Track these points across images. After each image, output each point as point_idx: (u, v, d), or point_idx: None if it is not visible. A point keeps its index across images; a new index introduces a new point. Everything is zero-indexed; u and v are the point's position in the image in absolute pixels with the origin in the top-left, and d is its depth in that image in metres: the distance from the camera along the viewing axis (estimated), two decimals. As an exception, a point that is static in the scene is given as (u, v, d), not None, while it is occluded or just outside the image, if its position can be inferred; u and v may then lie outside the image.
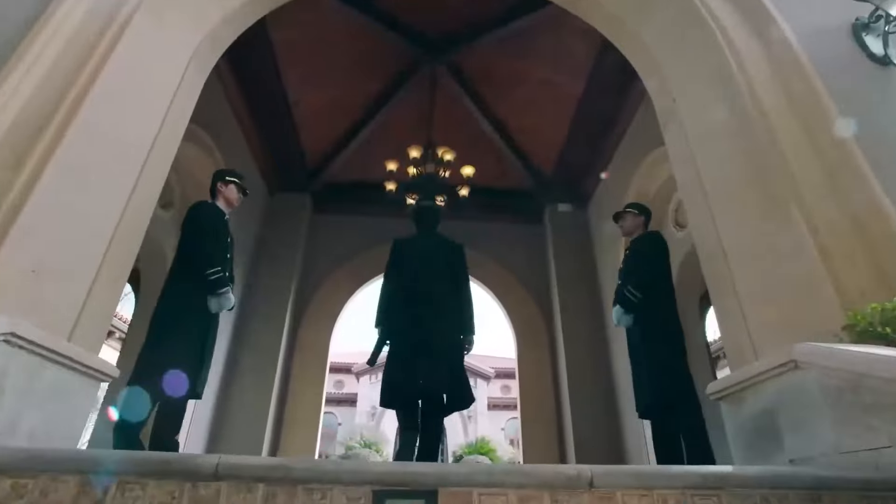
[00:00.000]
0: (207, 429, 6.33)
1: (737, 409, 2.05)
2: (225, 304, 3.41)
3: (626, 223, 4.05)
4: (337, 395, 31.08)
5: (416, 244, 4.01)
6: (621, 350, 6.48)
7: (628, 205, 4.14)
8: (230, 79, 6.27)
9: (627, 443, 6.27)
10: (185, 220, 3.50)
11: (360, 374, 29.52)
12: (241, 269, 7.15)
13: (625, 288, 3.61)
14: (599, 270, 7.52)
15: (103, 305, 2.48)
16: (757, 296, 2.11)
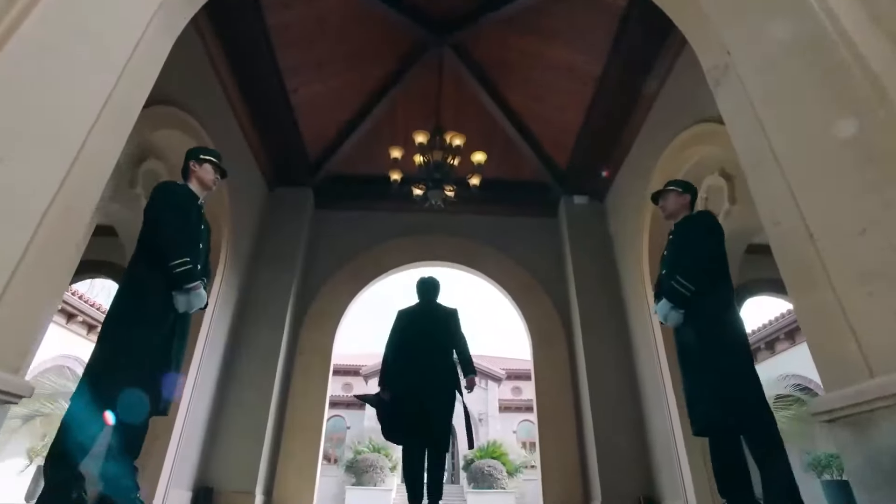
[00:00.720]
0: (202, 435, 5.92)
1: (863, 436, 1.55)
2: (195, 301, 2.91)
3: (669, 203, 3.47)
4: (345, 397, 30.69)
5: (416, 314, 4.61)
6: (645, 348, 6.05)
7: (670, 182, 3.58)
8: (223, 65, 5.85)
9: (655, 448, 5.80)
10: (148, 203, 2.99)
11: (368, 377, 29.10)
12: (239, 268, 6.76)
13: (672, 278, 3.06)
14: (620, 265, 7.05)
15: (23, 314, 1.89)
16: (864, 286, 1.62)
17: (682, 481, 4.95)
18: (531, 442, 29.28)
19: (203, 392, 5.89)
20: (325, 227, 8.14)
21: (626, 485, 5.84)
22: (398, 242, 8.02)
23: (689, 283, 2.96)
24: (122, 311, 2.71)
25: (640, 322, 6.24)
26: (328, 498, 25.26)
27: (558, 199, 8.03)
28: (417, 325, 4.44)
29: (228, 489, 5.88)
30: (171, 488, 5.12)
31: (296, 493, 6.27)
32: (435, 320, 4.49)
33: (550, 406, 6.80)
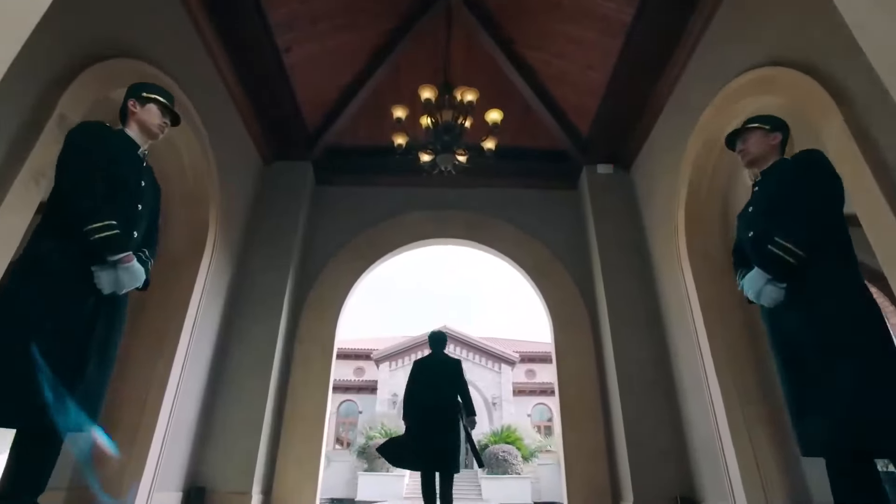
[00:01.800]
0: (192, 431, 5.43)
1: None
2: (125, 279, 2.28)
3: (752, 145, 2.68)
4: (357, 382, 30.55)
5: (428, 365, 5.61)
6: (682, 333, 5.47)
7: (752, 119, 2.77)
8: (206, 25, 5.27)
9: (694, 443, 5.24)
10: (61, 151, 2.33)
11: (379, 361, 28.82)
12: (231, 250, 6.24)
13: (768, 240, 2.30)
14: (650, 241, 6.44)
15: None
16: None
17: (730, 483, 4.39)
18: (546, 425, 28.97)
19: (192, 385, 5.40)
20: (326, 203, 7.59)
21: (661, 483, 5.30)
22: (406, 218, 7.45)
23: (795, 245, 2.21)
24: (14, 296, 2.05)
25: (676, 303, 5.64)
26: (341, 483, 25.09)
27: (580, 168, 7.41)
28: (429, 374, 5.52)
29: (222, 489, 5.41)
30: (155, 491, 4.64)
31: (297, 490, 5.80)
32: (443, 370, 5.55)
33: (574, 395, 6.25)
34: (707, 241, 5.26)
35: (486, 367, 28.73)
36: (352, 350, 32.87)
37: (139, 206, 2.44)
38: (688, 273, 5.27)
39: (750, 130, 2.71)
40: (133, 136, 2.58)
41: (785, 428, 4.28)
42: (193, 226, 5.57)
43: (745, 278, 2.47)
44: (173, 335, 5.04)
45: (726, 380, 4.62)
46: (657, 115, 6.13)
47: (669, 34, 5.25)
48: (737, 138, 2.79)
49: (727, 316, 4.91)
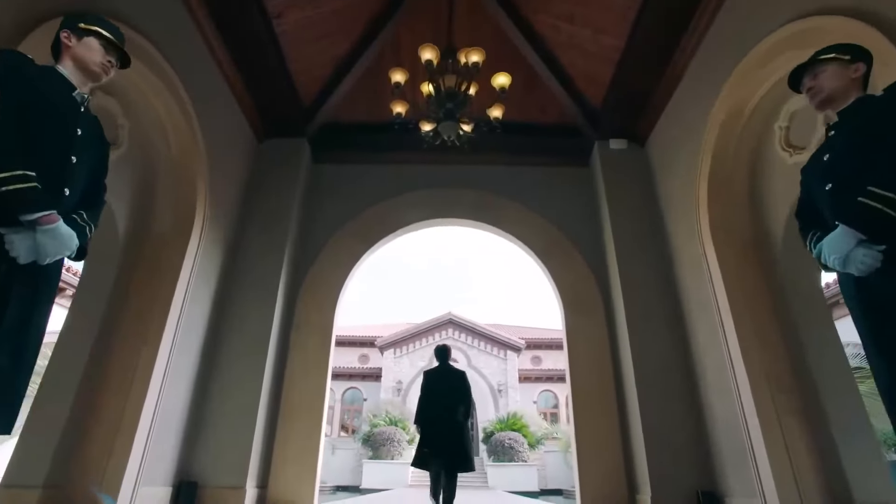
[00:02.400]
0: (182, 423, 5.15)
1: None
2: (48, 244, 1.81)
3: (826, 80, 2.20)
4: (361, 369, 30.40)
5: (436, 374, 6.24)
6: (702, 316, 5.13)
7: (825, 50, 2.26)
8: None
9: (717, 435, 4.92)
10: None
11: (384, 349, 28.60)
12: (222, 231, 5.93)
13: (862, 192, 1.82)
14: (668, 218, 6.08)
15: None
16: None
17: (758, 479, 4.07)
18: (552, 412, 28.77)
19: (180, 373, 5.10)
20: (324, 183, 7.26)
21: (681, 477, 4.99)
22: (408, 198, 7.10)
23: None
24: None
25: (696, 284, 5.30)
26: (346, 471, 25.00)
27: (591, 144, 7.04)
28: (437, 384, 6.17)
29: (215, 483, 5.13)
30: (141, 486, 4.35)
31: (294, 484, 5.52)
32: (449, 380, 6.16)
33: (586, 382, 5.92)
34: (732, 216, 4.91)
35: (491, 353, 28.48)
36: (356, 337, 32.72)
37: (72, 157, 2.00)
38: (710, 250, 4.92)
39: (823, 63, 2.23)
40: (67, 75, 2.11)
41: (821, 419, 3.96)
42: (180, 204, 5.26)
43: (823, 241, 2.00)
44: (158, 320, 4.74)
45: (754, 366, 4.28)
46: (677, 82, 5.74)
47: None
48: (804, 74, 2.30)
49: (754, 296, 4.57)
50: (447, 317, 29.17)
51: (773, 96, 4.39)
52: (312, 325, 6.28)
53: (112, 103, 4.49)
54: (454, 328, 29.02)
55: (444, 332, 28.94)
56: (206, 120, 5.44)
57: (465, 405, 5.96)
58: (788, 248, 4.44)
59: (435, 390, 6.10)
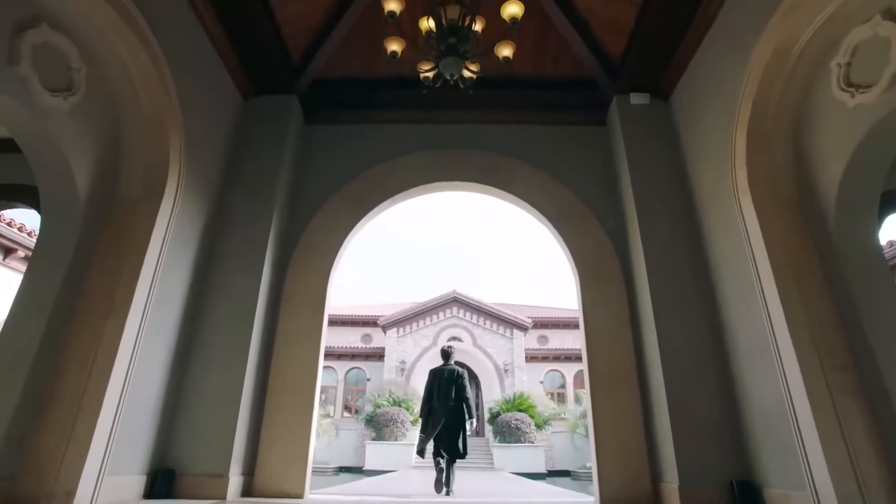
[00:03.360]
0: (157, 405, 4.71)
1: None
2: None
3: None
4: (364, 349, 30.19)
5: (440, 372, 7.36)
6: (736, 287, 4.63)
7: None
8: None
9: (753, 418, 4.44)
10: None
11: (386, 328, 28.28)
12: (203, 195, 5.46)
13: None
14: (695, 180, 5.55)
15: None
16: None
17: (808, 467, 3.59)
18: (559, 392, 28.50)
19: (154, 349, 4.65)
20: (316, 144, 6.75)
21: (712, 464, 4.52)
22: (408, 160, 6.57)
23: None
24: None
25: (731, 249, 4.79)
26: (349, 452, 24.89)
27: (610, 99, 6.47)
28: (440, 381, 7.22)
29: (195, 471, 4.71)
30: (106, 475, 3.91)
31: (284, 470, 5.09)
32: (451, 378, 7.23)
33: (605, 360, 5.44)
34: (775, 171, 4.37)
35: (497, 332, 28.12)
36: (358, 317, 32.47)
37: None
38: (749, 211, 4.40)
39: None
40: None
41: (883, 400, 3.46)
42: (151, 163, 4.78)
43: None
44: (126, 290, 4.27)
45: (803, 340, 3.78)
46: (709, 24, 5.17)
47: None
48: None
49: (801, 260, 4.05)
50: (451, 295, 28.78)
51: (830, 29, 3.83)
52: (303, 297, 5.80)
53: (63, 41, 3.95)
54: (459, 307, 28.65)
55: (449, 311, 28.58)
56: (180, 70, 4.95)
57: (464, 400, 7.18)
58: (842, 206, 3.91)
59: (438, 388, 7.21)
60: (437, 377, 7.32)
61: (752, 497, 4.25)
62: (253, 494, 4.99)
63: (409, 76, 5.58)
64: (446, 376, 7.26)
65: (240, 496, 4.86)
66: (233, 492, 4.73)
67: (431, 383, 7.31)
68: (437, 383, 7.24)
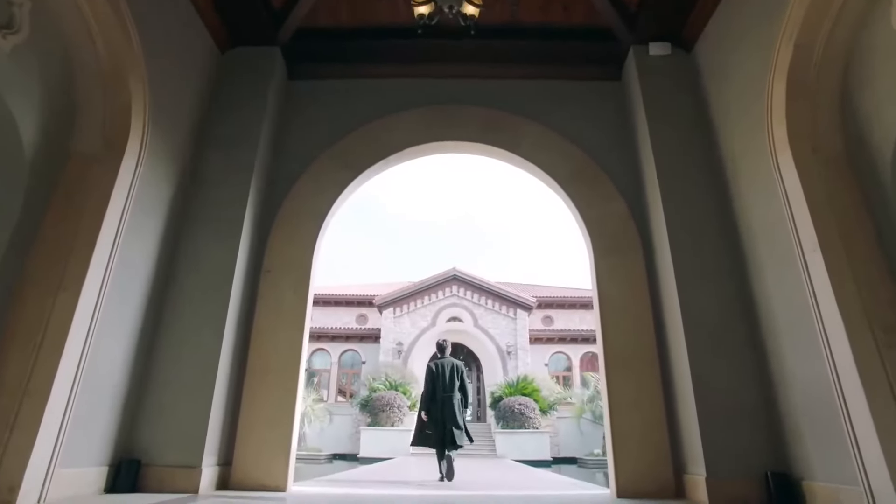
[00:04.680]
0: (122, 389, 4.38)
1: None
2: None
3: None
4: (360, 330, 29.99)
5: (440, 365, 7.92)
6: (773, 254, 4.28)
7: None
8: None
9: (791, 403, 4.12)
10: None
11: (383, 307, 28.02)
12: (173, 155, 5.14)
13: None
14: (723, 138, 5.18)
15: None
16: None
17: (860, 459, 3.27)
18: (564, 375, 28.33)
19: (116, 326, 4.31)
20: (301, 101, 6.36)
21: (744, 453, 4.21)
22: (403, 118, 6.19)
23: None
24: None
25: (766, 213, 4.44)
26: (344, 438, 24.78)
27: (626, 49, 6.07)
28: (440, 373, 7.76)
29: (163, 461, 4.39)
30: (59, 467, 3.60)
31: (264, 460, 4.79)
32: (450, 371, 7.78)
33: (622, 337, 5.12)
34: (818, 123, 4.01)
35: (500, 312, 27.86)
36: (353, 296, 32.23)
37: None
38: (788, 168, 4.04)
39: None
40: None
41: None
42: (110, 116, 4.43)
43: None
44: (80, 257, 3.93)
45: (854, 314, 3.44)
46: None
47: None
48: None
49: (849, 221, 3.71)
50: (451, 273, 28.50)
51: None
52: (286, 269, 5.46)
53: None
54: (459, 285, 28.38)
55: (448, 290, 28.31)
56: (144, 12, 4.57)
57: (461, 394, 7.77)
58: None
59: (438, 380, 7.74)
60: (438, 371, 7.81)
61: (789, 491, 3.94)
62: (230, 487, 4.69)
63: (404, 24, 5.20)
64: (447, 369, 7.81)
65: (214, 489, 4.56)
66: (206, 484, 4.43)
67: (433, 375, 7.81)
68: (438, 378, 7.75)
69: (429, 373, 7.90)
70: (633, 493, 4.56)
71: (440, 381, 7.69)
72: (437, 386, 7.67)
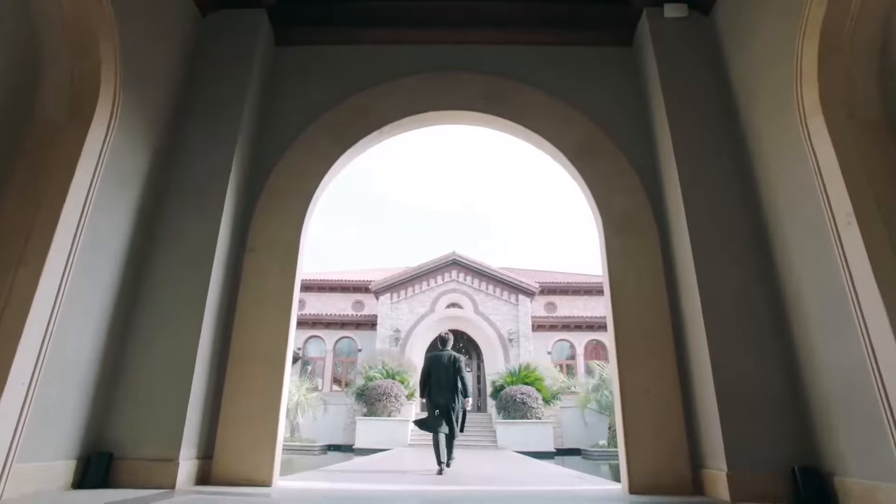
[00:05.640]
0: (90, 377, 4.16)
1: None
2: None
3: None
4: (356, 317, 29.84)
5: (438, 357, 8.38)
6: (803, 232, 4.04)
7: None
8: None
9: (821, 391, 3.90)
10: None
11: (379, 293, 27.82)
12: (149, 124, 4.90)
13: None
14: (744, 105, 4.92)
15: None
16: None
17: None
18: (568, 364, 28.22)
19: (85, 307, 4.08)
20: (287, 67, 6.13)
21: (769, 447, 3.99)
22: (397, 85, 5.93)
23: None
24: None
25: (793, 187, 4.20)
26: (339, 428, 24.70)
27: (639, 12, 5.80)
28: (438, 364, 8.26)
29: (137, 454, 4.18)
30: (17, 461, 3.38)
31: (248, 453, 4.58)
32: (448, 362, 8.25)
33: (634, 322, 4.90)
34: (854, 86, 3.77)
35: (501, 298, 27.67)
36: (349, 282, 32.07)
37: None
38: (821, 136, 3.79)
39: None
40: None
41: None
42: (77, 79, 4.15)
43: None
44: (43, 232, 3.69)
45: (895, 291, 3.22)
46: None
47: None
48: None
49: (890, 195, 3.48)
50: (451, 257, 28.29)
51: None
52: (272, 248, 5.22)
53: None
54: (459, 270, 28.17)
55: (448, 275, 28.11)
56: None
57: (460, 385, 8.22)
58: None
59: (436, 371, 8.22)
60: (436, 363, 8.30)
61: (818, 487, 3.73)
62: (211, 482, 4.48)
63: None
64: (445, 361, 8.27)
65: (193, 484, 4.35)
66: (185, 478, 4.22)
67: (430, 366, 8.32)
68: (435, 366, 8.26)
69: (426, 362, 8.49)
70: (648, 488, 4.35)
71: (437, 373, 8.17)
72: (433, 376, 8.18)
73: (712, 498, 4.10)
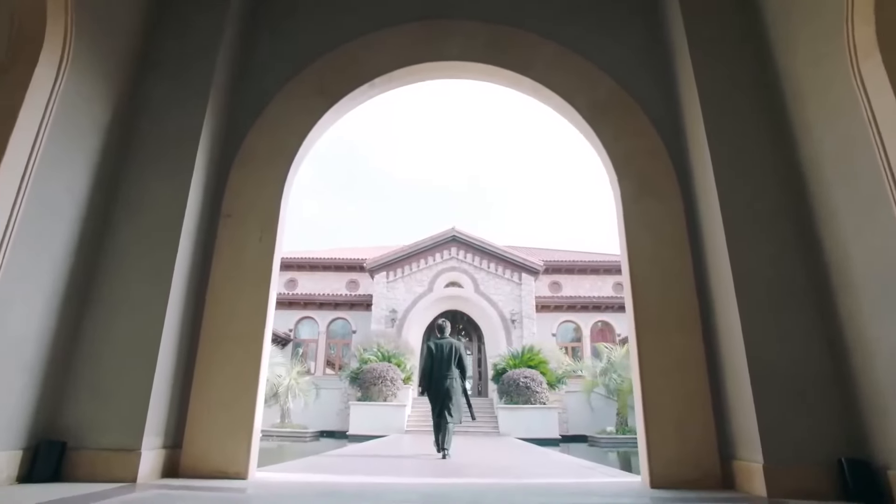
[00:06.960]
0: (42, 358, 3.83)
1: None
2: None
3: None
4: (349, 297, 29.64)
5: (438, 344, 8.96)
6: (851, 197, 3.69)
7: None
8: None
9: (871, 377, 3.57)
10: None
11: (374, 272, 27.55)
12: (111, 70, 4.52)
13: None
14: (786, 48, 4.54)
15: None
16: None
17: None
18: (573, 346, 28.04)
19: (32, 280, 3.74)
20: (267, 14, 5.78)
21: (811, 437, 3.68)
22: (390, 33, 5.55)
23: None
24: None
25: (839, 145, 3.84)
26: (332, 414, 24.53)
27: (664, -44, 5.41)
28: (439, 352, 8.88)
29: (94, 444, 3.88)
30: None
31: (221, 441, 4.30)
32: (449, 349, 8.89)
33: (656, 298, 4.57)
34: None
35: (503, 277, 27.38)
36: (343, 260, 31.78)
37: None
38: (877, 81, 3.44)
39: None
40: None
41: None
42: (19, 17, 3.80)
43: None
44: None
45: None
46: None
47: None
48: None
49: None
50: (450, 233, 27.96)
51: None
52: (249, 214, 4.88)
53: None
54: (458, 247, 27.85)
55: (447, 252, 27.80)
56: None
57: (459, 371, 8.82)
58: None
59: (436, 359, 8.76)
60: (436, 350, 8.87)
61: (869, 481, 3.42)
62: (179, 474, 4.19)
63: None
64: (446, 348, 8.86)
65: (158, 477, 4.05)
66: (149, 471, 3.93)
67: (432, 353, 8.88)
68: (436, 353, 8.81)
69: (428, 353, 9.04)
70: (671, 482, 4.04)
71: (438, 361, 8.73)
72: (435, 366, 8.72)
73: (746, 493, 3.80)
